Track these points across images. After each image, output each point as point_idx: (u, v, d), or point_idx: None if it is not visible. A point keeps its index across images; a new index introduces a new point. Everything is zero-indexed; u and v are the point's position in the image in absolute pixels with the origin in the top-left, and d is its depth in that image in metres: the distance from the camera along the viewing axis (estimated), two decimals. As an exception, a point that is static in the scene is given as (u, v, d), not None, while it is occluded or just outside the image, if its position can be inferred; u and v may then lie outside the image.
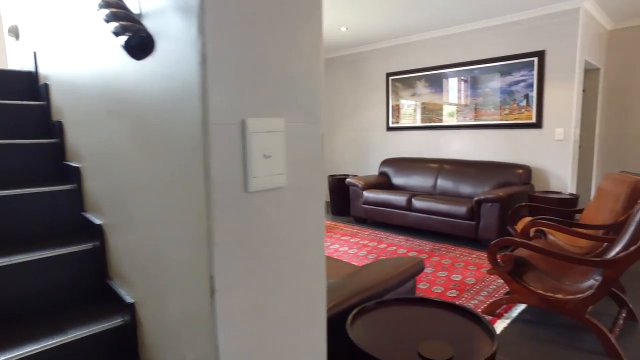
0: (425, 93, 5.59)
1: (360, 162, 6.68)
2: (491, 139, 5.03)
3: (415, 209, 4.79)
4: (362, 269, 1.89)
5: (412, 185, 5.47)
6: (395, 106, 6.00)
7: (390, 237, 4.74)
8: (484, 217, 4.19)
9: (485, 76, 4.96)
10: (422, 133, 5.74)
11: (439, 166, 5.28)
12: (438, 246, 4.34)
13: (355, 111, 6.63)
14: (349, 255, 4.12)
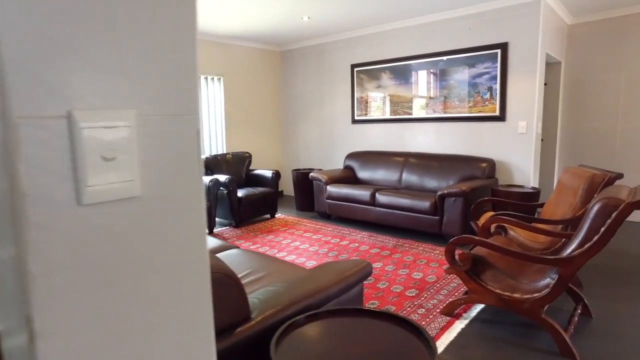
0: (390, 85, 5.47)
1: (325, 156, 6.53)
2: (456, 132, 4.97)
3: (379, 204, 4.69)
4: (304, 276, 1.74)
5: (377, 180, 5.37)
6: (360, 98, 5.86)
7: (353, 233, 4.63)
8: (448, 212, 4.12)
9: (450, 68, 4.88)
10: (387, 126, 5.63)
11: (404, 160, 5.20)
12: (402, 242, 4.25)
13: (320, 104, 6.47)
14: (309, 253, 3.98)
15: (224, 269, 1.28)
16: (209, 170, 5.37)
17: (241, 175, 5.68)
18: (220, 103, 6.24)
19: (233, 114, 6.38)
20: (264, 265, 2.30)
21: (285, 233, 4.71)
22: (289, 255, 3.94)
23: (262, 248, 4.17)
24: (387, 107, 5.55)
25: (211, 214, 4.73)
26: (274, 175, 5.42)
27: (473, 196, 4.07)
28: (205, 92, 6.02)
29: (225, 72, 6.21)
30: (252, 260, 2.39)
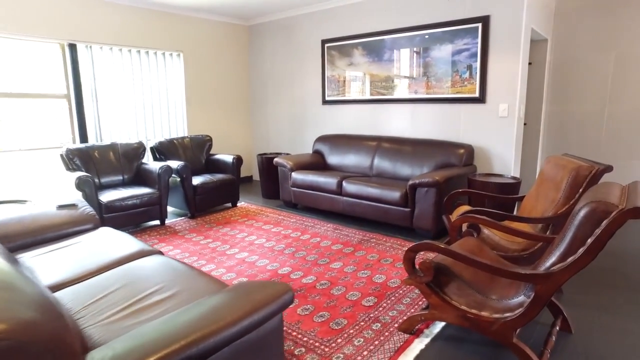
0: (363, 63, 5.00)
1: (296, 140, 6.07)
2: (433, 114, 4.54)
3: (346, 193, 4.27)
4: (205, 307, 1.31)
5: (347, 166, 4.94)
6: (331, 77, 5.38)
7: (317, 225, 4.21)
8: (419, 203, 3.72)
9: (426, 45, 4.41)
10: (360, 107, 5.18)
11: (376, 144, 4.77)
12: (368, 236, 3.85)
13: (290, 83, 5.96)
14: (263, 249, 3.56)
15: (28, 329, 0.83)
16: (162, 155, 4.87)
17: (200, 161, 5.20)
18: (180, 82, 5.70)
19: (195, 94, 5.85)
20: (178, 280, 1.87)
21: (243, 225, 4.28)
22: (241, 252, 3.52)
23: (214, 243, 3.73)
24: (360, 86, 5.09)
25: (162, 204, 4.26)
26: (234, 161, 4.95)
27: (447, 186, 3.68)
28: (163, 69, 5.47)
29: (185, 48, 5.65)
30: (166, 273, 1.95)
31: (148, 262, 2.10)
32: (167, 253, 3.53)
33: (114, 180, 4.39)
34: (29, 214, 2.65)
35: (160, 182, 4.23)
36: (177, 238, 3.91)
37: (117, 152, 4.49)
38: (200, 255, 3.46)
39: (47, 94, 4.61)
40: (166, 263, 2.08)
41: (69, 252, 2.32)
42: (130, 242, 2.44)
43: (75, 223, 2.69)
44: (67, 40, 4.60)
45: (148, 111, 5.38)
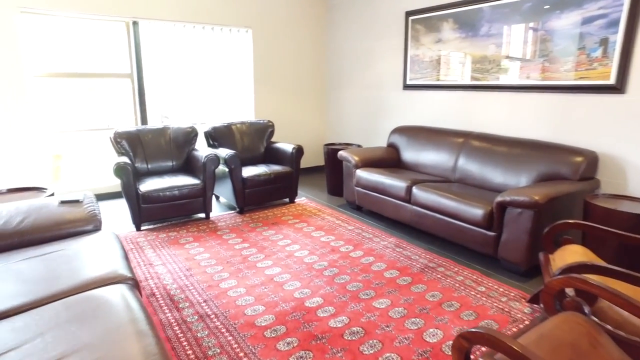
0: (453, 39, 4.01)
1: (369, 130, 5.29)
2: (540, 106, 3.44)
3: (415, 202, 3.43)
4: None
5: (425, 165, 4.06)
6: (414, 57, 4.47)
7: (377, 238, 3.45)
8: (509, 227, 2.76)
9: (539, 13, 3.31)
10: (446, 94, 4.22)
11: (463, 141, 3.81)
12: (436, 261, 3.00)
13: (366, 64, 5.16)
14: (300, 266, 2.92)
15: None
16: (215, 142, 4.46)
17: (258, 149, 4.71)
18: (248, 61, 5.25)
19: (263, 75, 5.36)
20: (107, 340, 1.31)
21: (291, 228, 3.69)
22: (274, 266, 2.93)
23: (249, 250, 3.20)
24: (448, 69, 4.12)
25: (205, 196, 3.85)
26: (294, 152, 4.36)
27: (551, 210, 2.66)
28: (229, 47, 5.05)
29: (255, 24, 5.16)
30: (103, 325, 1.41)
31: (99, 299, 1.59)
32: (194, 257, 3.08)
33: (162, 167, 4.09)
34: (25, 209, 2.33)
35: (205, 172, 3.81)
36: (213, 237, 3.46)
37: (168, 136, 4.18)
38: (227, 265, 2.94)
39: (111, 74, 4.45)
40: (118, 304, 1.54)
41: (38, 264, 1.92)
42: (110, 259, 1.96)
43: (72, 223, 2.32)
44: (132, 17, 4.36)
45: (212, 93, 5.03)
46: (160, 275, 2.79)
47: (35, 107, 4.09)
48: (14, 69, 3.92)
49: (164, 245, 3.32)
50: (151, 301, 2.47)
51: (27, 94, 4.02)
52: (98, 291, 1.65)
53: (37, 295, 1.64)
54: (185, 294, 2.55)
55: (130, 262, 2.06)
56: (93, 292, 1.65)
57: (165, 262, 2.99)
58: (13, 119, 3.99)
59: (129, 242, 3.38)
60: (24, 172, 4.10)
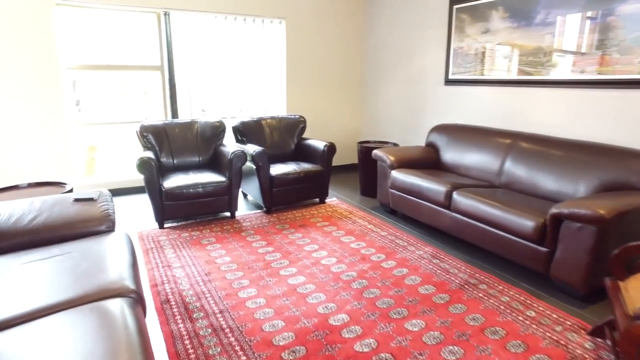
0: (503, 29, 3.63)
1: (407, 127, 4.97)
2: (605, 104, 3.04)
3: (455, 208, 3.12)
4: None
5: (467, 167, 3.72)
6: (458, 49, 4.11)
7: (412, 247, 3.17)
8: (565, 244, 2.41)
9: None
10: (493, 91, 3.85)
11: (511, 142, 3.44)
12: (478, 276, 2.69)
13: (406, 57, 4.84)
14: (327, 276, 2.68)
15: None
16: (244, 137, 4.29)
17: (289, 146, 4.50)
18: (281, 54, 5.04)
19: (296, 68, 5.15)
20: None
21: (319, 232, 3.47)
22: (298, 274, 2.71)
23: (272, 255, 3.00)
24: (497, 62, 3.75)
25: (231, 195, 3.68)
26: (326, 149, 4.12)
27: (620, 227, 2.29)
28: (262, 38, 4.86)
29: (289, 14, 4.95)
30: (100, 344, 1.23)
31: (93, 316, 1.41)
32: (215, 260, 2.91)
33: (188, 162, 3.96)
34: (38, 207, 2.22)
35: (232, 169, 3.64)
36: (236, 239, 3.29)
37: (195, 130, 4.04)
38: (248, 271, 2.75)
39: (142, 66, 4.36)
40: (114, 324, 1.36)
41: (41, 269, 1.79)
42: (117, 266, 1.80)
43: (84, 223, 2.19)
44: (163, 8, 4.24)
45: (243, 86, 4.86)
46: (177, 279, 2.63)
47: (69, 99, 4.05)
48: (49, 62, 3.89)
49: (185, 245, 3.17)
50: (164, 309, 2.31)
51: (61, 86, 3.98)
52: (95, 306, 1.48)
53: (29, 307, 1.49)
54: (201, 302, 2.37)
55: (138, 271, 1.89)
56: (89, 306, 1.48)
57: (184, 265, 2.84)
58: (47, 111, 3.97)
59: (150, 240, 3.26)
60: (57, 164, 4.08)
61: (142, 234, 3.40)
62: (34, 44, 3.82)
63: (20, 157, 3.94)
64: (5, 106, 3.81)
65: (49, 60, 3.89)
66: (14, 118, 3.86)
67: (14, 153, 3.91)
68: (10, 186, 2.92)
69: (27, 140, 3.94)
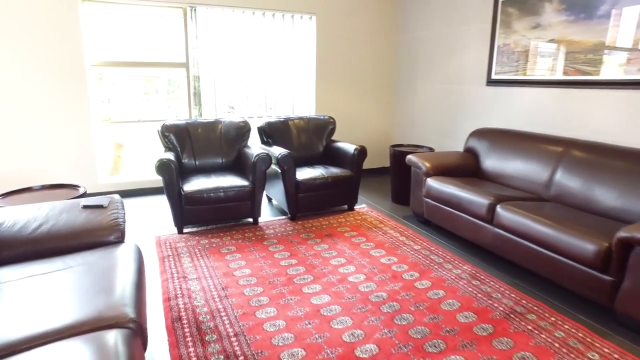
0: (557, 23, 3.26)
1: (444, 131, 4.63)
2: (678, 111, 2.64)
3: (499, 223, 2.79)
4: None
5: (510, 176, 3.37)
6: (503, 47, 3.76)
7: (448, 264, 2.87)
8: (635, 274, 2.06)
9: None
10: (542, 92, 3.48)
11: (562, 151, 3.08)
12: (525, 303, 2.37)
13: (444, 55, 4.50)
14: (354, 296, 2.43)
15: None
16: (269, 139, 4.08)
17: (317, 148, 4.26)
18: (310, 51, 4.81)
19: (326, 65, 4.90)
20: None
21: (347, 243, 3.21)
22: (323, 293, 2.47)
23: (296, 268, 2.77)
24: (548, 61, 3.38)
25: (254, 200, 3.48)
26: (356, 153, 3.86)
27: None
28: (290, 35, 4.64)
29: (319, 9, 4.71)
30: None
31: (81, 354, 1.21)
32: (233, 272, 2.71)
33: (211, 163, 3.78)
34: (45, 213, 2.07)
35: (255, 172, 3.43)
36: (257, 248, 3.08)
37: (219, 131, 3.86)
38: (268, 287, 2.53)
39: (167, 63, 4.23)
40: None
41: (37, 286, 1.62)
42: (119, 287, 1.61)
43: (90, 233, 2.02)
44: (189, 3, 4.09)
45: (270, 85, 4.66)
46: (192, 294, 2.44)
47: (95, 96, 3.96)
48: (75, 58, 3.81)
49: (203, 254, 2.99)
50: (175, 328, 2.11)
51: (87, 83, 3.89)
52: (88, 338, 1.28)
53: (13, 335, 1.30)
54: (215, 321, 2.16)
55: (143, 292, 1.70)
56: (80, 339, 1.28)
57: (200, 276, 2.65)
58: (73, 108, 3.89)
59: (168, 247, 3.09)
60: (82, 162, 4.00)
61: (159, 239, 3.24)
62: (60, 41, 3.73)
63: (45, 155, 3.87)
64: (31, 103, 3.74)
65: (74, 56, 3.80)
66: (39, 115, 3.79)
67: (38, 150, 3.84)
68: (23, 188, 2.82)
69: (52, 138, 3.87)
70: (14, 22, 3.57)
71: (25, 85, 3.70)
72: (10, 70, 3.64)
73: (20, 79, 3.68)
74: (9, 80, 3.65)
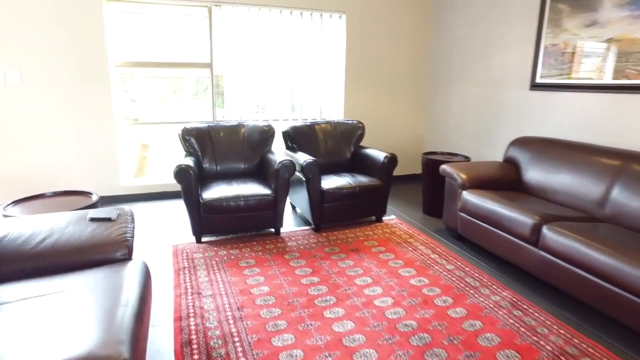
0: (617, 19, 2.92)
1: (481, 139, 4.32)
2: None
3: (545, 246, 2.49)
4: None
5: (557, 191, 3.05)
6: (551, 47, 3.42)
7: (486, 287, 2.59)
8: None
9: None
10: (594, 98, 3.13)
11: (620, 165, 2.74)
12: (577, 342, 2.08)
13: (480, 56, 4.19)
14: (380, 323, 2.19)
15: None
16: (294, 144, 3.88)
17: (344, 154, 4.04)
18: (339, 51, 4.59)
19: (356, 67, 4.67)
20: None
21: (374, 259, 2.98)
22: (345, 319, 2.25)
23: (317, 288, 2.56)
24: (604, 62, 3.04)
25: (276, 209, 3.29)
26: (386, 161, 3.62)
27: None
28: (319, 35, 4.44)
29: (349, 7, 4.48)
30: None
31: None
32: (251, 290, 2.52)
33: (233, 169, 3.63)
34: (50, 226, 1.94)
35: (278, 180, 3.25)
36: (278, 263, 2.89)
37: (242, 135, 3.70)
38: (287, 309, 2.33)
39: (190, 63, 4.10)
40: None
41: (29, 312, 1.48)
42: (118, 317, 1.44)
43: (95, 249, 1.87)
44: (214, 1, 3.94)
45: (297, 87, 4.47)
46: (205, 313, 2.27)
47: (118, 97, 3.88)
48: (99, 58, 3.74)
49: (220, 266, 2.82)
50: (184, 353, 1.94)
51: (110, 83, 3.81)
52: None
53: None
54: (227, 348, 1.98)
55: (145, 323, 1.53)
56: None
57: (215, 293, 2.48)
58: (96, 109, 3.82)
59: (185, 258, 2.94)
60: (105, 163, 3.93)
61: (177, 248, 3.10)
62: (84, 41, 3.67)
63: (66, 156, 3.82)
64: (53, 103, 3.69)
65: (98, 56, 3.73)
66: (61, 116, 3.74)
67: (59, 151, 3.79)
68: (35, 195, 2.73)
69: (74, 139, 3.82)
70: (38, 21, 3.52)
71: (48, 85, 3.65)
72: (33, 70, 3.59)
73: (44, 79, 3.63)
74: (33, 81, 3.61)
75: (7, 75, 3.56)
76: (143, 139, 4.73)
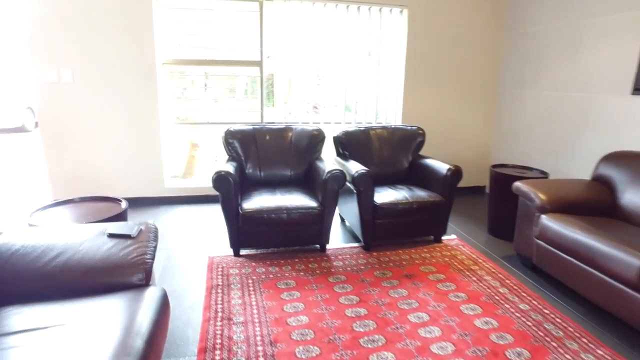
0: None
1: (562, 152, 3.73)
2: None
3: (658, 297, 1.96)
4: None
5: (666, 223, 2.46)
6: (664, 44, 2.81)
7: (573, 340, 2.10)
8: None
9: None
10: None
11: None
12: None
13: (562, 54, 3.60)
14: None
15: None
16: (346, 151, 3.53)
17: (401, 164, 3.63)
18: (400, 49, 4.18)
19: (417, 67, 4.24)
20: None
21: (431, 289, 2.57)
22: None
23: (363, 322, 2.20)
24: None
25: (323, 224, 2.97)
26: (449, 174, 3.17)
27: None
28: (377, 31, 4.06)
29: (411, 2, 4.06)
30: None
31: None
32: (287, 319, 2.21)
33: (278, 176, 3.35)
34: (64, 242, 1.73)
35: (326, 192, 2.91)
36: (321, 286, 2.55)
37: (289, 139, 3.41)
38: (326, 348, 1.99)
39: (240, 61, 3.89)
40: None
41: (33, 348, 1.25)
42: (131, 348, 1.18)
43: (109, 272, 1.64)
44: (267, -6, 3.70)
45: (351, 87, 4.13)
46: (233, 346, 1.98)
47: (166, 95, 3.75)
48: (147, 56, 3.63)
49: (257, 287, 2.54)
50: (204, 400, 1.66)
51: (157, 82, 3.69)
52: None
53: None
54: (253, 397, 1.67)
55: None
56: None
57: (247, 320, 2.19)
58: (144, 108, 3.72)
59: (219, 273, 2.69)
60: (153, 163, 3.83)
61: (213, 261, 2.86)
62: (132, 38, 3.56)
63: (114, 156, 3.74)
64: (99, 102, 3.62)
65: (146, 54, 3.62)
66: (107, 115, 3.65)
67: (108, 151, 3.72)
68: (64, 200, 2.59)
69: (119, 139, 3.73)
70: (89, 19, 3.44)
71: (97, 84, 3.58)
72: (83, 69, 3.53)
73: (94, 78, 3.56)
74: (83, 79, 3.54)
75: (61, 73, 3.53)
76: (194, 138, 4.61)
